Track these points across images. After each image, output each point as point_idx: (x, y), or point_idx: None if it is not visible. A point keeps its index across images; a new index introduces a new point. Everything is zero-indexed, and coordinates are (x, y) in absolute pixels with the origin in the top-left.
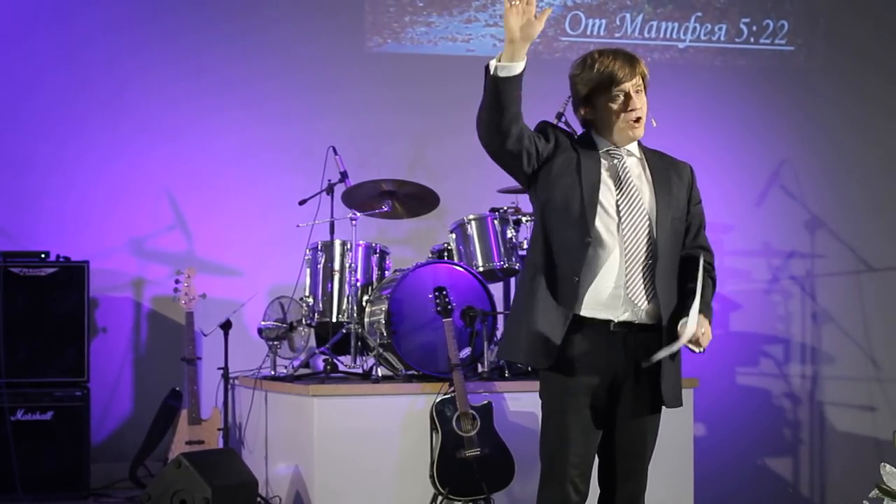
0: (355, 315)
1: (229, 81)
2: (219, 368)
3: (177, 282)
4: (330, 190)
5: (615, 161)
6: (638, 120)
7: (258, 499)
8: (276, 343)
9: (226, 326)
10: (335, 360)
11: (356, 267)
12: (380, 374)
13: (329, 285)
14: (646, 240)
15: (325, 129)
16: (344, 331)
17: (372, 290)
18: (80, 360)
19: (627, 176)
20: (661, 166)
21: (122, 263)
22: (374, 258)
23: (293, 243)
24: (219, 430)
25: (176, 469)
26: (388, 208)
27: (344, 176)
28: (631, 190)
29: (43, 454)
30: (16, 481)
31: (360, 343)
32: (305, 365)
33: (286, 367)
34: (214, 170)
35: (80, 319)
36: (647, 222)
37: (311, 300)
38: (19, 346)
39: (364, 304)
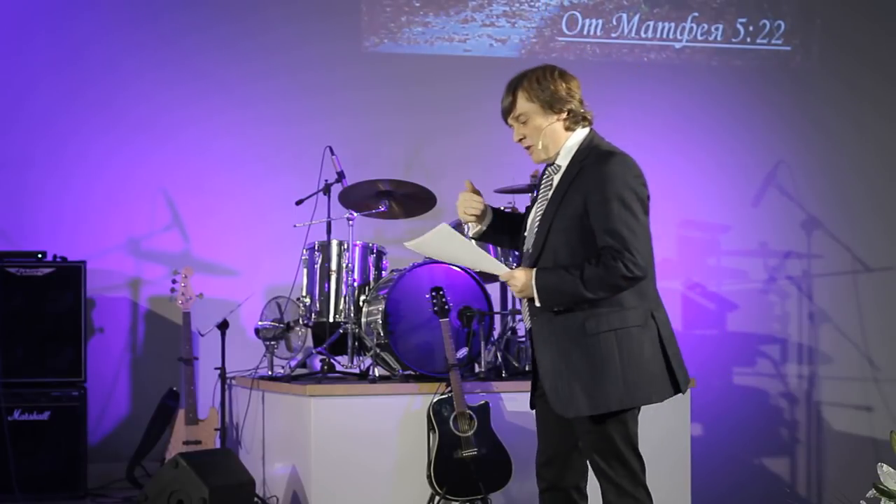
0: (352, 315)
1: (226, 82)
2: (216, 368)
3: (174, 282)
4: (327, 190)
5: (547, 180)
6: (529, 147)
7: (255, 499)
8: (273, 343)
9: (223, 326)
10: (332, 360)
11: (353, 267)
12: (377, 374)
13: (326, 285)
14: (534, 253)
15: (322, 129)
16: (341, 331)
17: (369, 290)
18: (77, 360)
19: (546, 194)
20: (572, 172)
21: (119, 263)
22: (371, 258)
23: (290, 243)
24: (216, 430)
25: (173, 469)
26: (385, 208)
27: (341, 176)
28: (539, 208)
29: (40, 454)
30: (13, 481)
31: (357, 343)
32: (302, 365)
33: (283, 368)
34: (212, 170)
35: (77, 319)
36: (542, 236)
37: (307, 300)
38: (16, 346)
39: (361, 304)
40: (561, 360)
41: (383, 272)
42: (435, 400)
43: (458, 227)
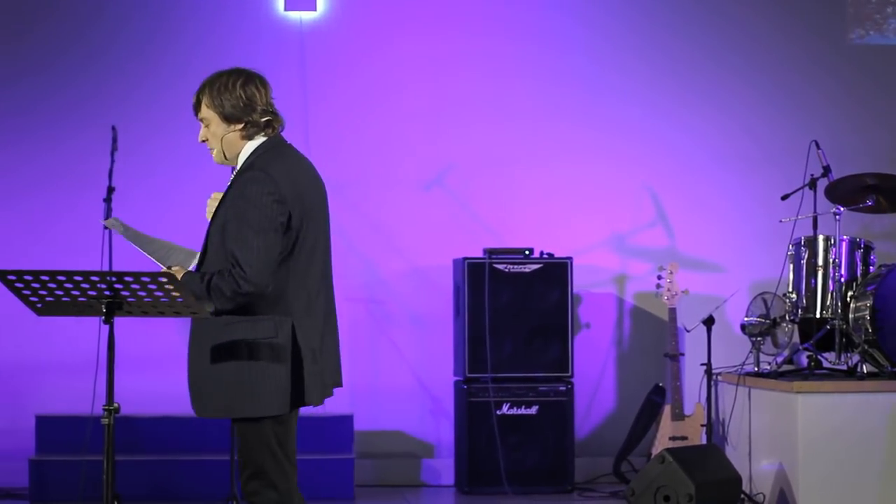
0: (839, 311)
1: (700, 78)
2: (701, 364)
3: (659, 277)
4: (812, 185)
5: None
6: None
7: (742, 496)
8: (758, 339)
9: (708, 322)
10: (819, 357)
11: (840, 262)
12: (865, 371)
13: (812, 281)
14: (201, 255)
15: (806, 123)
16: (828, 327)
17: (856, 285)
18: (564, 355)
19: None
20: (232, 182)
21: (604, 260)
22: (858, 253)
23: (775, 239)
24: (702, 426)
25: (659, 464)
26: (872, 202)
27: (826, 170)
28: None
29: (527, 448)
30: (501, 474)
31: (844, 339)
32: (788, 361)
33: (769, 364)
34: (694, 165)
35: (564, 315)
36: (206, 238)
37: (794, 296)
38: (504, 342)
39: (848, 299)
40: (198, 362)
41: (871, 267)
42: None
43: None
